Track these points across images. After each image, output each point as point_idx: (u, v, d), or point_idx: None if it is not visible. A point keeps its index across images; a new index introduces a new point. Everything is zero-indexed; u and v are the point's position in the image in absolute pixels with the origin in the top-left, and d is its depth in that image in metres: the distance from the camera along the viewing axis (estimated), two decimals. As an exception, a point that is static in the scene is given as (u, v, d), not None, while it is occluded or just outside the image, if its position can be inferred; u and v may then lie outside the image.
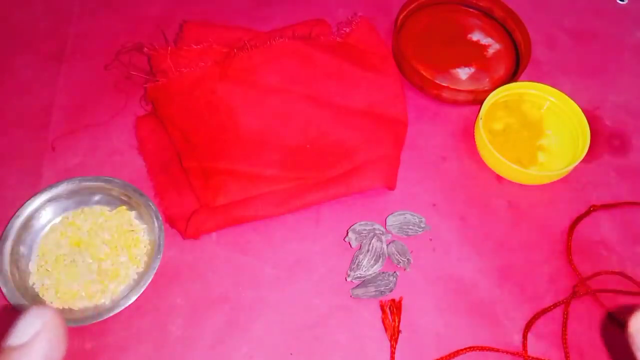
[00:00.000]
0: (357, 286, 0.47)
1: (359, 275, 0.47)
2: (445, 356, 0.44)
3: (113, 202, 0.50)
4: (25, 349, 0.21)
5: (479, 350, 0.45)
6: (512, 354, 0.45)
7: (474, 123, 0.57)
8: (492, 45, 0.63)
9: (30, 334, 0.21)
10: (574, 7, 0.68)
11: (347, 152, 0.53)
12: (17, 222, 0.47)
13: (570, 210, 0.53)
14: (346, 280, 0.47)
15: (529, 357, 0.45)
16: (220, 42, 0.56)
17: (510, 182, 0.54)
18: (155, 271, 0.46)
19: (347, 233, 0.49)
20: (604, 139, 0.58)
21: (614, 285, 0.48)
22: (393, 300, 0.47)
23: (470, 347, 0.45)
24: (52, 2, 0.64)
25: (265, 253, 0.49)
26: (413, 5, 0.64)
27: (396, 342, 0.45)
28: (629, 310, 0.23)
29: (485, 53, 0.62)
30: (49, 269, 0.47)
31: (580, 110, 0.56)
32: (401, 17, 0.62)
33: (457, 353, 0.44)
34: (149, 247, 0.48)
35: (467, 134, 0.57)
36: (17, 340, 0.21)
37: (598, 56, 0.64)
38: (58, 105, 0.56)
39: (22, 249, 0.47)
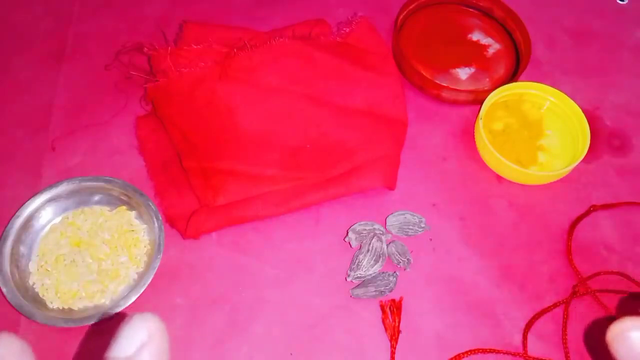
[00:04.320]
0: (357, 286, 0.47)
1: (359, 275, 0.47)
2: None
3: (113, 202, 0.50)
4: None
5: (480, 352, 0.45)
6: (513, 354, 0.45)
7: (474, 123, 0.57)
8: (492, 45, 0.63)
9: (137, 346, 0.19)
10: (574, 7, 0.68)
11: (347, 152, 0.53)
12: (17, 222, 0.47)
13: (570, 210, 0.53)
14: (346, 280, 0.47)
15: (529, 357, 0.45)
16: (220, 42, 0.56)
17: (510, 182, 0.54)
18: (155, 271, 0.46)
19: (347, 233, 0.49)
20: (604, 139, 0.58)
21: (614, 285, 0.48)
22: (393, 300, 0.47)
23: (471, 350, 0.45)
24: (52, 2, 0.64)
25: (265, 253, 0.49)
26: (413, 5, 0.64)
27: (396, 342, 0.45)
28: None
29: (485, 53, 0.62)
30: (49, 269, 0.47)
31: (580, 110, 0.56)
32: (401, 17, 0.62)
33: (458, 357, 0.44)
34: (149, 247, 0.48)
35: (467, 134, 0.57)
36: (122, 353, 0.19)
37: (598, 56, 0.64)
38: (58, 105, 0.56)
39: (22, 249, 0.47)
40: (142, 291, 0.45)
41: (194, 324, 0.45)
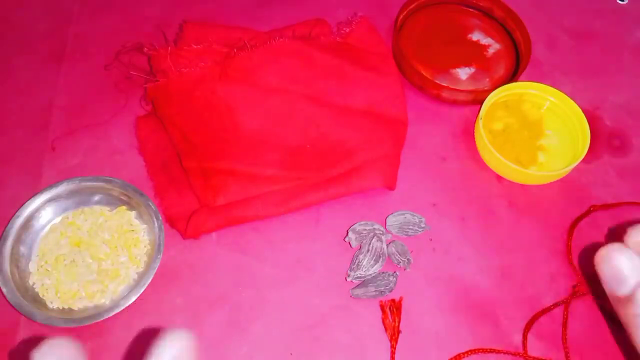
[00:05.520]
0: (357, 286, 0.47)
1: (359, 275, 0.47)
2: None
3: (113, 202, 0.50)
4: None
5: (480, 352, 0.45)
6: (512, 354, 0.45)
7: (474, 123, 0.57)
8: (492, 45, 0.63)
9: (169, 358, 0.21)
10: (574, 7, 0.68)
11: (347, 152, 0.53)
12: (17, 222, 0.47)
13: (570, 210, 0.53)
14: (346, 280, 0.47)
15: (529, 357, 0.45)
16: (220, 42, 0.56)
17: (510, 182, 0.54)
18: (155, 271, 0.46)
19: (347, 233, 0.49)
20: (604, 139, 0.58)
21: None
22: (393, 300, 0.47)
23: (471, 350, 0.45)
24: (52, 2, 0.64)
25: (265, 253, 0.49)
26: (413, 5, 0.64)
27: (396, 342, 0.45)
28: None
29: (485, 53, 0.62)
30: (49, 269, 0.47)
31: (580, 110, 0.56)
32: (401, 17, 0.62)
33: (459, 357, 0.44)
34: (149, 247, 0.48)
35: (467, 134, 0.57)
36: None
37: (598, 56, 0.64)
38: (58, 105, 0.56)
39: (22, 249, 0.47)
40: (142, 291, 0.45)
41: (194, 324, 0.45)
